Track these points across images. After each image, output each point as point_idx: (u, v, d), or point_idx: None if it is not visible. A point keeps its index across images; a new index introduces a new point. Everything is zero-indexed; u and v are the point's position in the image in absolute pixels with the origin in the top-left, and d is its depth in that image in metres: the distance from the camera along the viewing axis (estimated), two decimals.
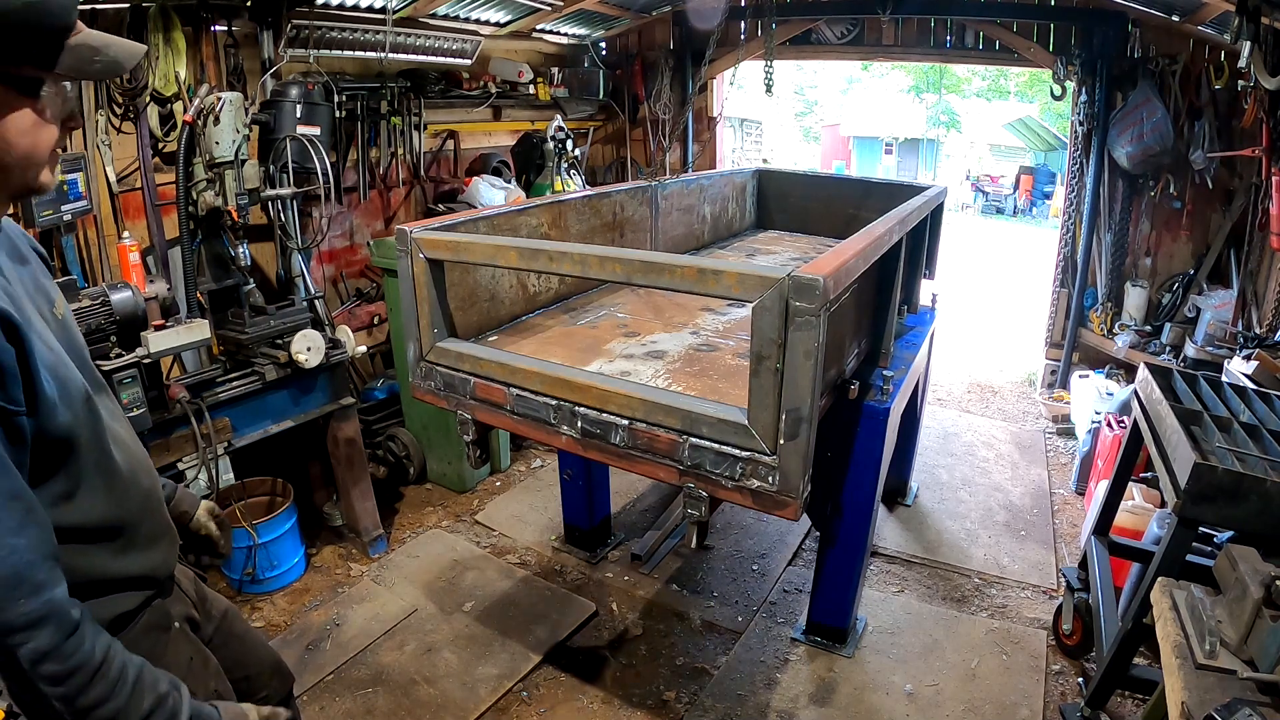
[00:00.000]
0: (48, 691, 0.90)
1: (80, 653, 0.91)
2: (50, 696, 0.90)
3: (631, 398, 1.79)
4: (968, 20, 4.94)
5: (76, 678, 0.91)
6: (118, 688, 0.95)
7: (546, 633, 2.85)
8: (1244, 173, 4.26)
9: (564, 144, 4.84)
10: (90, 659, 0.92)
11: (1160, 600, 1.70)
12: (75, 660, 0.91)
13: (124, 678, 0.96)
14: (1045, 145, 20.04)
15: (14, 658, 0.87)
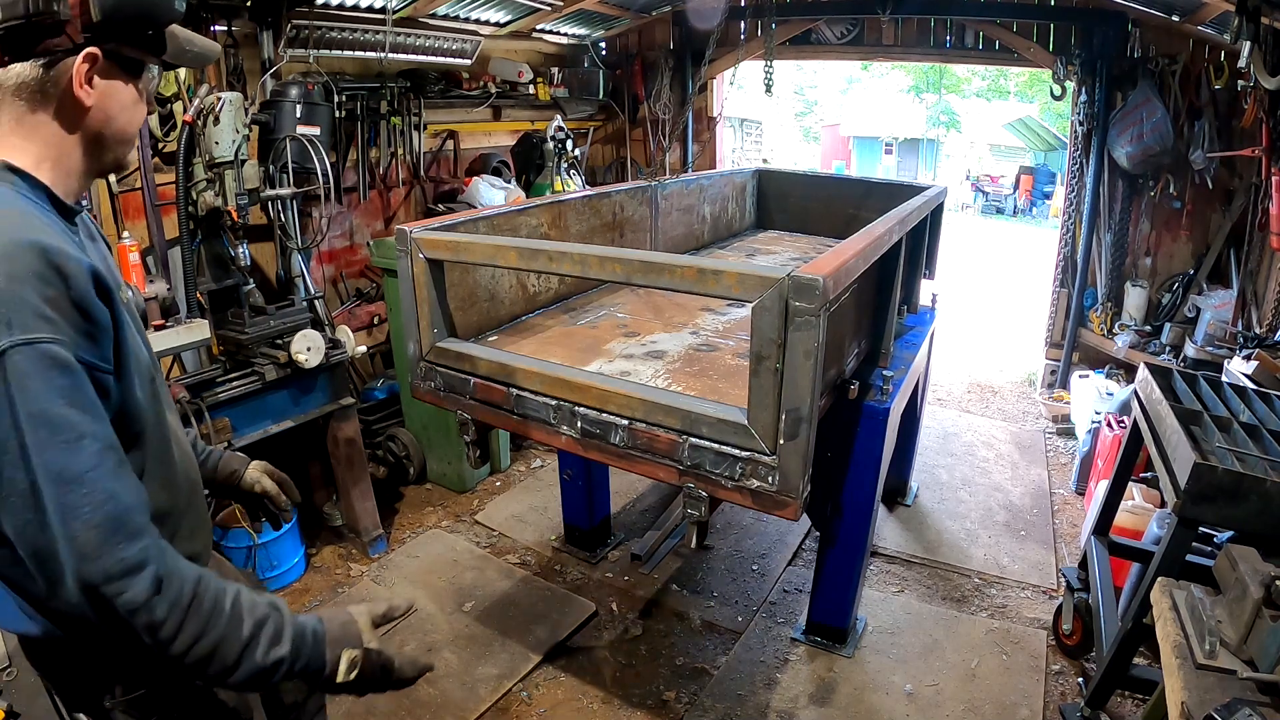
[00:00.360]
0: (145, 635, 0.91)
1: (173, 595, 0.93)
2: (147, 638, 0.92)
3: (631, 398, 1.79)
4: (968, 20, 4.94)
5: (171, 619, 0.92)
6: (213, 620, 0.96)
7: (546, 633, 2.85)
8: (1244, 173, 4.26)
9: (564, 144, 4.84)
10: (180, 599, 0.93)
11: (1160, 600, 1.70)
12: (169, 601, 0.92)
13: (218, 609, 0.97)
14: (1045, 145, 20.05)
15: (110, 605, 0.88)
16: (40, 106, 1.00)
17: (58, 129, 1.01)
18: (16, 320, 0.85)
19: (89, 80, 0.99)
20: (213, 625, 0.96)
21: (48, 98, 0.99)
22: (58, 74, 0.98)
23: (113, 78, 1.02)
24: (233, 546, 2.97)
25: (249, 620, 1.00)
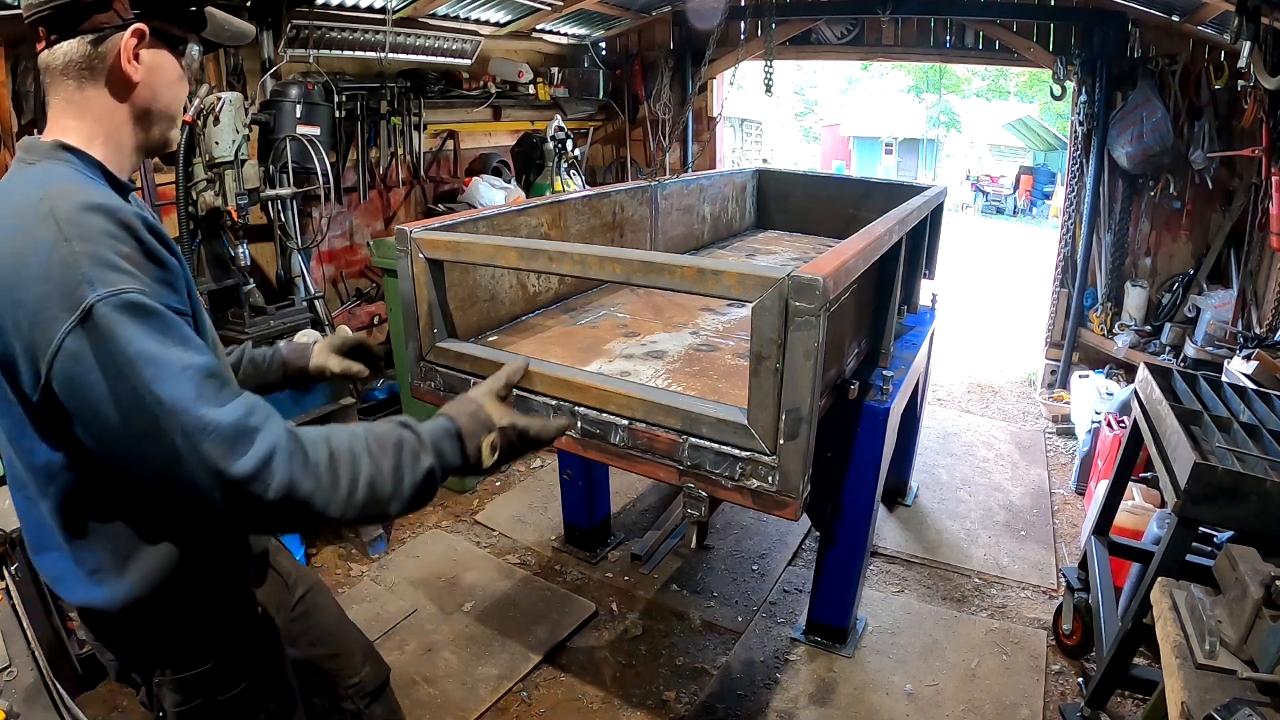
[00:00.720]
0: (303, 513, 0.95)
1: (312, 466, 0.95)
2: (306, 514, 0.95)
3: (631, 398, 1.79)
4: (968, 20, 4.94)
5: (319, 487, 0.95)
6: (356, 467, 0.99)
7: (546, 633, 2.85)
8: (1244, 173, 4.26)
9: (564, 144, 4.84)
10: (319, 466, 0.96)
11: (1160, 600, 1.70)
12: (311, 474, 0.94)
13: (355, 456, 0.99)
14: (1045, 145, 20.05)
15: (264, 502, 0.91)
16: (89, 84, 1.03)
17: (107, 105, 1.05)
18: (97, 276, 0.88)
19: (136, 56, 1.03)
20: (358, 472, 0.98)
21: (96, 74, 1.03)
22: (105, 50, 1.02)
23: (159, 52, 1.06)
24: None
25: (388, 449, 1.03)
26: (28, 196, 0.94)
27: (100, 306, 0.87)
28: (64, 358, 0.87)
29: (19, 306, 0.89)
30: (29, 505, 1.09)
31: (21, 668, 1.70)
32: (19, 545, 2.08)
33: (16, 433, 1.01)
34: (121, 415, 0.88)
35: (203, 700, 1.20)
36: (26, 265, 0.89)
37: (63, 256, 0.88)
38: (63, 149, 1.03)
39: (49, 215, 0.90)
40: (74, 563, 1.08)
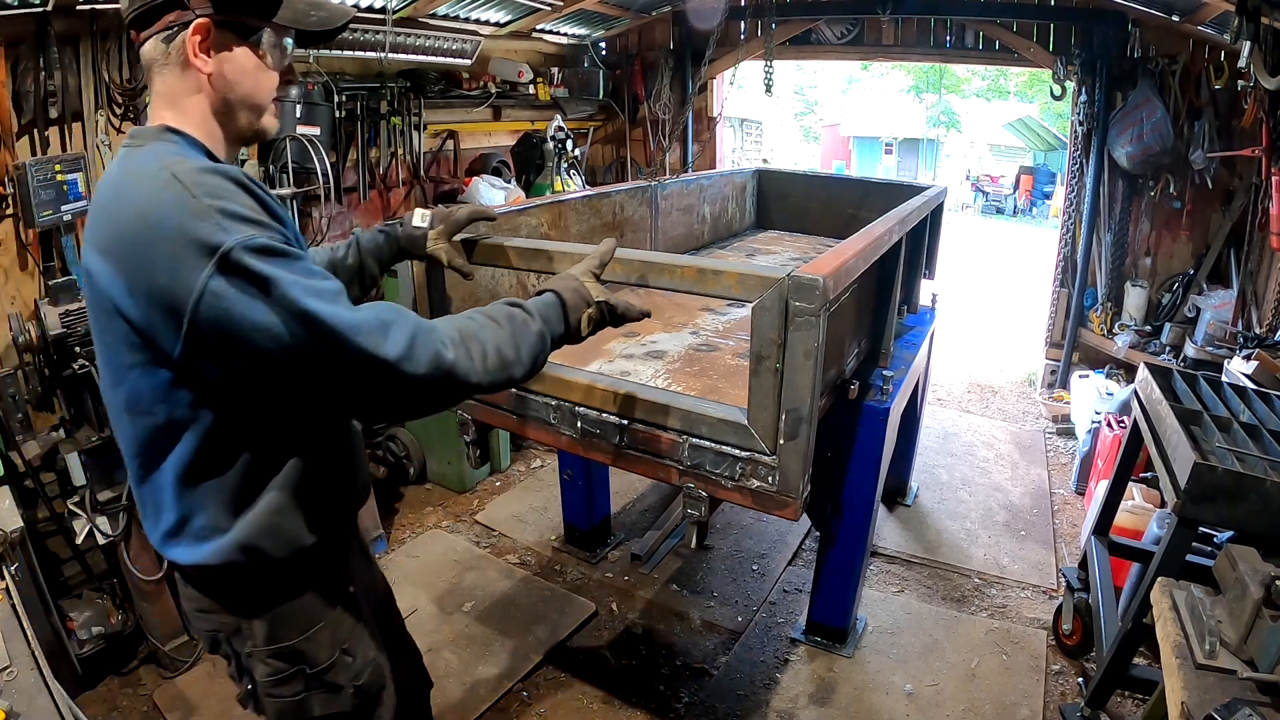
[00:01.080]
0: (458, 386, 1.06)
1: (449, 337, 1.06)
2: (459, 387, 1.06)
3: (631, 398, 1.79)
4: (968, 20, 4.94)
5: (460, 357, 1.06)
6: (483, 336, 1.10)
7: (546, 633, 2.85)
8: (1244, 173, 4.26)
9: (564, 144, 4.84)
10: (454, 337, 1.06)
11: (1160, 600, 1.70)
12: (451, 342, 1.05)
13: (478, 325, 1.12)
14: (1045, 145, 20.04)
15: (413, 378, 1.01)
16: (173, 77, 1.09)
17: (191, 98, 1.10)
18: (229, 225, 0.95)
19: (204, 50, 1.07)
20: (485, 341, 1.10)
21: (175, 69, 1.08)
22: (176, 47, 1.06)
23: (229, 45, 1.08)
24: None
25: (503, 321, 1.16)
26: (145, 169, 1.00)
27: (236, 250, 0.93)
28: (209, 300, 0.93)
29: (154, 264, 0.95)
30: (144, 472, 1.15)
31: (21, 668, 1.69)
32: (19, 545, 2.08)
33: (136, 398, 1.08)
34: (276, 338, 0.95)
35: (293, 671, 1.24)
36: (159, 223, 0.95)
37: (194, 210, 0.95)
38: (168, 131, 1.09)
39: (172, 179, 0.97)
40: (186, 522, 1.14)
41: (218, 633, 1.27)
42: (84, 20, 2.72)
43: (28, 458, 2.44)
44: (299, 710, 1.27)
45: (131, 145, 1.08)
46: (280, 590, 1.23)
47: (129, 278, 0.97)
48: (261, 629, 1.22)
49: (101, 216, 1.02)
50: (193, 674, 2.62)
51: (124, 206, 0.99)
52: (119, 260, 0.98)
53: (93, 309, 1.08)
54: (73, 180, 2.58)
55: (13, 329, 2.32)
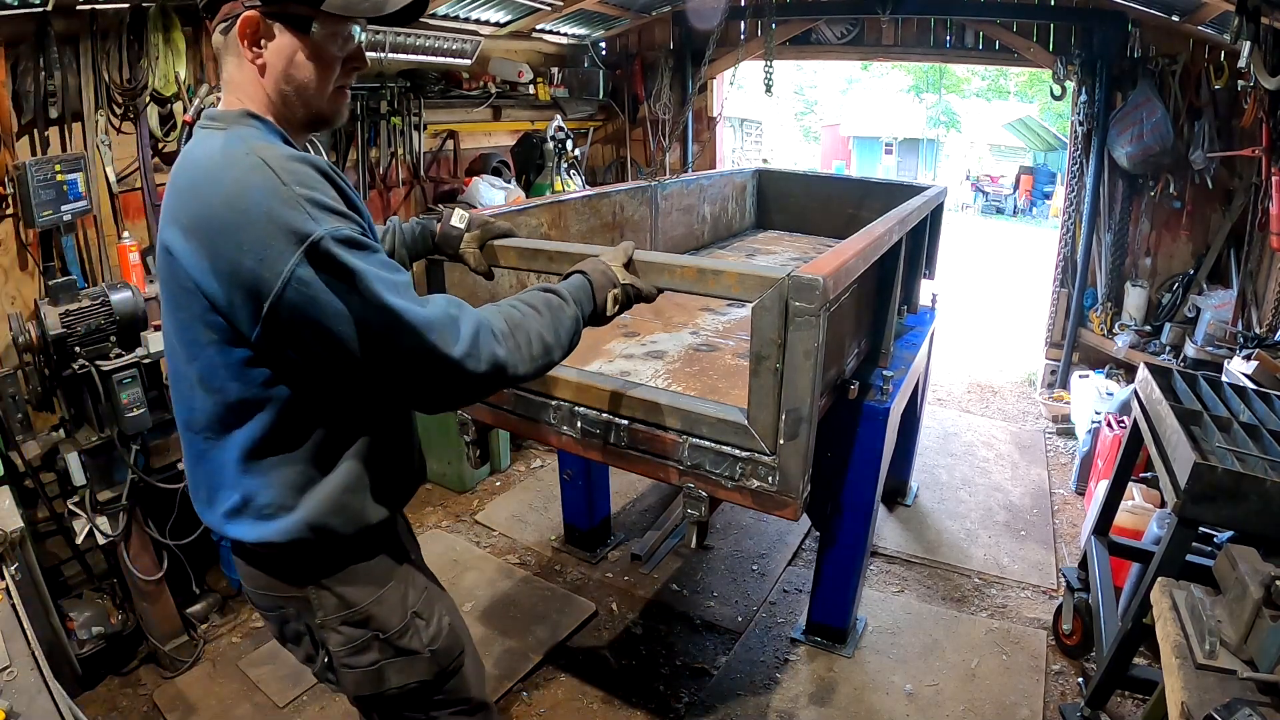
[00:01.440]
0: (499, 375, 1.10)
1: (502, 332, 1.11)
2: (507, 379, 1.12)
3: (631, 398, 1.79)
4: (968, 20, 4.94)
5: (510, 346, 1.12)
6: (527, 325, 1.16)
7: (546, 633, 2.85)
8: (1244, 173, 4.25)
9: (564, 144, 4.84)
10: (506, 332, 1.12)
11: (1160, 600, 1.70)
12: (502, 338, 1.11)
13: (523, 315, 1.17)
14: (1045, 145, 20.03)
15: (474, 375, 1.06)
16: (235, 67, 1.11)
17: (254, 86, 1.11)
18: (318, 215, 0.98)
19: (254, 41, 1.07)
20: (529, 331, 1.16)
21: (235, 58, 1.10)
22: (232, 38, 1.08)
23: (280, 35, 1.08)
24: None
25: (542, 308, 1.22)
26: (231, 152, 1.01)
27: (325, 240, 0.97)
28: (294, 286, 0.96)
29: (241, 246, 0.96)
30: (207, 449, 1.16)
31: (21, 668, 1.69)
32: (19, 545, 2.08)
33: (210, 374, 1.09)
34: (354, 328, 0.98)
35: (369, 636, 1.25)
36: (249, 207, 0.96)
37: (285, 198, 0.97)
38: (249, 116, 1.10)
39: (262, 164, 0.99)
40: (250, 500, 1.15)
41: (283, 608, 1.27)
42: (84, 20, 2.72)
43: (28, 458, 2.44)
44: (377, 680, 1.27)
45: (212, 127, 1.09)
46: (345, 559, 1.24)
47: (213, 258, 0.99)
48: (330, 596, 1.23)
49: (187, 196, 1.03)
50: (193, 674, 2.62)
51: (212, 188, 0.99)
52: (204, 240, 0.99)
53: (168, 285, 1.09)
54: (73, 180, 2.58)
55: (13, 329, 2.32)
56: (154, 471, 2.54)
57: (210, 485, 1.19)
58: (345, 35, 1.12)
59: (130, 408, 2.34)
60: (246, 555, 1.26)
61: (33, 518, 2.53)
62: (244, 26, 1.06)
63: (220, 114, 1.12)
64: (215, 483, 1.18)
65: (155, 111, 3.00)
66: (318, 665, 1.31)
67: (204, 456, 1.18)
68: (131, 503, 2.47)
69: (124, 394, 2.32)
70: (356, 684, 1.27)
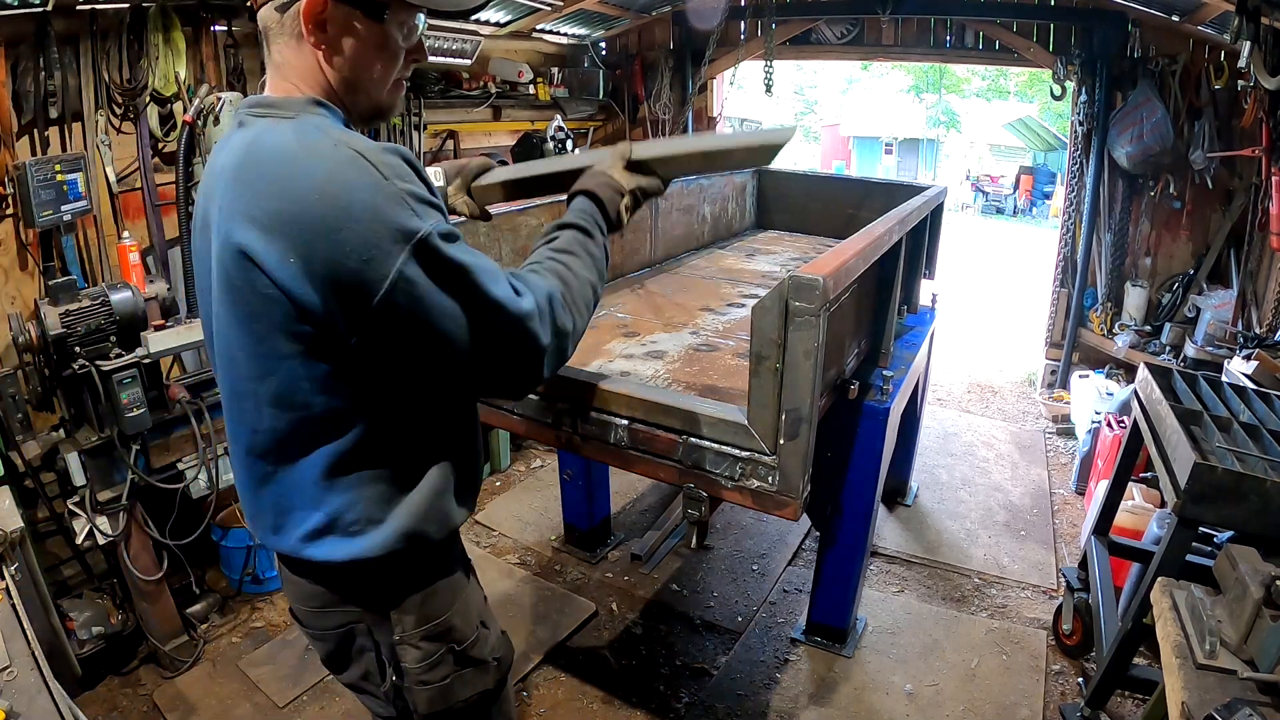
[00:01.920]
0: (572, 345, 1.13)
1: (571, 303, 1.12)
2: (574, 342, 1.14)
3: (631, 398, 1.78)
4: (968, 20, 4.94)
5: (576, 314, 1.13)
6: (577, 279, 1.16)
7: (546, 633, 2.85)
8: (1244, 173, 4.26)
9: (564, 144, 4.84)
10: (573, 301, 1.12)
11: (1160, 600, 1.70)
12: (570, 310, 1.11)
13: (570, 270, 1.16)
14: (1045, 145, 20.03)
15: (563, 355, 1.11)
16: (290, 50, 1.04)
17: (314, 72, 1.05)
18: (422, 211, 0.94)
19: (320, 25, 1.00)
20: (581, 284, 1.16)
21: (290, 39, 1.03)
22: (290, 17, 1.01)
23: (352, 21, 1.01)
24: (233, 546, 2.97)
25: (578, 250, 1.20)
26: (313, 142, 0.94)
27: (431, 237, 0.93)
28: (402, 285, 0.92)
29: (343, 247, 0.90)
30: (275, 471, 1.10)
31: (21, 668, 1.69)
32: (19, 545, 2.08)
33: (291, 389, 1.02)
34: (462, 323, 0.97)
35: (444, 650, 1.22)
36: (351, 205, 0.90)
37: (389, 194, 0.92)
38: (316, 103, 1.04)
39: (358, 157, 0.93)
40: (338, 518, 1.10)
41: (353, 625, 1.22)
42: (84, 20, 2.72)
43: (28, 458, 2.44)
44: (446, 695, 1.23)
45: (276, 114, 1.01)
46: (432, 566, 1.21)
47: (308, 260, 0.91)
48: (413, 611, 1.19)
49: (264, 190, 0.93)
50: (193, 674, 2.62)
51: (301, 182, 0.91)
52: (294, 240, 0.91)
53: (237, 292, 0.98)
54: (73, 180, 2.58)
55: (13, 329, 2.32)
56: (154, 471, 2.54)
57: (280, 509, 1.12)
58: (411, 25, 1.07)
59: (130, 408, 2.34)
60: (320, 575, 1.19)
61: (33, 518, 2.53)
62: (311, 7, 0.98)
63: (281, 100, 1.04)
64: (287, 505, 1.11)
65: (155, 111, 3.00)
66: (385, 685, 1.24)
67: (271, 479, 1.11)
68: (131, 503, 2.47)
69: (124, 394, 2.32)
70: (430, 701, 1.22)
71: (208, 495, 2.64)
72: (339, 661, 1.29)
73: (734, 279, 3.20)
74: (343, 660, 1.28)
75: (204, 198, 1.06)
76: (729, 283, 3.14)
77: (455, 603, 1.24)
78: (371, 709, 1.37)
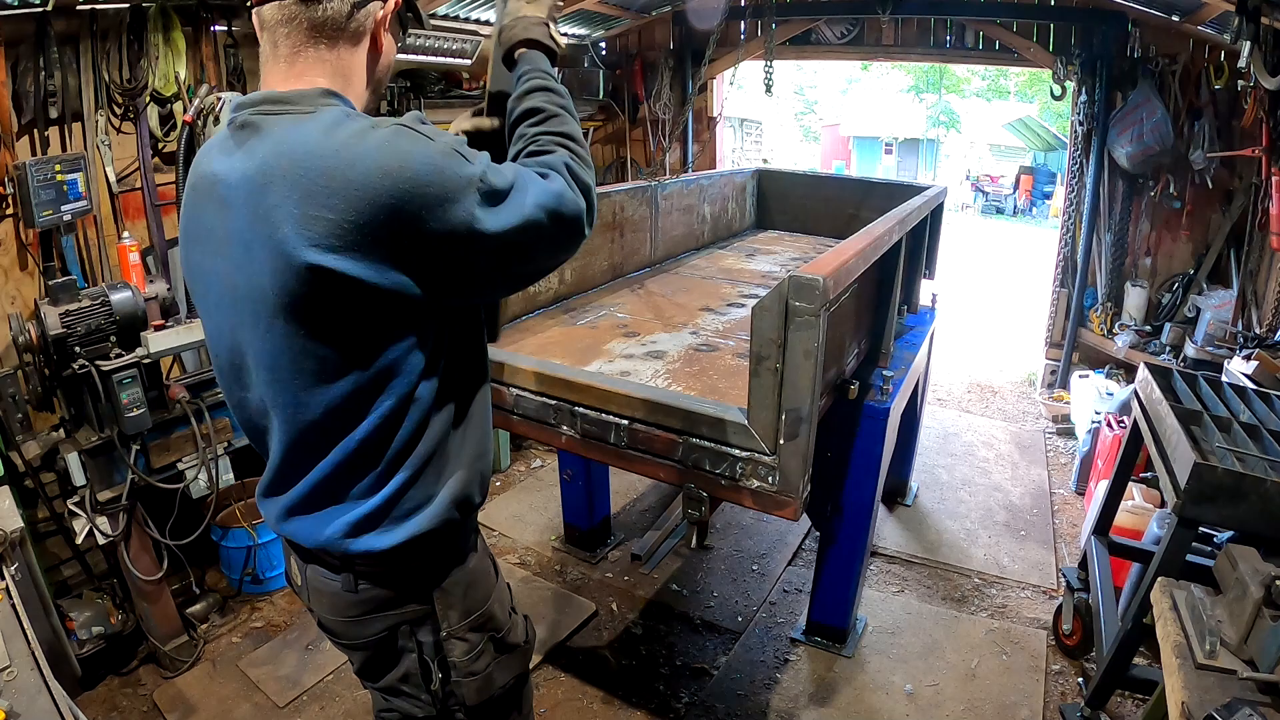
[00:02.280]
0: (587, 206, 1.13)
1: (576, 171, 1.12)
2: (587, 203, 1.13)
3: (631, 398, 1.79)
4: (968, 20, 4.94)
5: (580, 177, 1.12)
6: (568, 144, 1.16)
7: (546, 633, 2.85)
8: (1244, 173, 4.25)
9: None
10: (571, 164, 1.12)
11: (1160, 600, 1.70)
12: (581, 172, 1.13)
13: (573, 130, 1.19)
14: (1045, 145, 20.03)
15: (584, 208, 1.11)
16: (343, 44, 1.07)
17: (355, 65, 1.10)
18: (470, 154, 1.01)
19: (387, 28, 1.11)
20: (573, 140, 1.17)
21: (348, 35, 1.07)
22: (363, 15, 1.06)
23: (395, 28, 1.14)
24: (233, 546, 2.97)
25: (554, 108, 1.20)
26: (354, 131, 0.96)
27: (486, 175, 0.99)
28: (478, 227, 0.98)
29: (420, 212, 0.94)
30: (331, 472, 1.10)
31: (21, 668, 1.69)
32: (19, 545, 2.08)
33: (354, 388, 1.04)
34: (530, 230, 1.02)
35: (486, 639, 1.25)
36: (416, 173, 0.94)
37: (441, 149, 0.98)
38: (327, 94, 1.04)
39: (400, 129, 0.98)
40: (392, 504, 1.11)
41: (398, 626, 1.21)
42: (84, 20, 2.72)
43: (28, 458, 2.44)
44: (489, 683, 1.27)
45: (297, 111, 0.99)
46: (462, 550, 1.24)
47: (396, 245, 0.94)
48: (458, 602, 1.21)
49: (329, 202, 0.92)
50: (193, 674, 2.62)
51: (359, 172, 0.92)
52: (375, 238, 0.93)
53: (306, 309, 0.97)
54: (73, 180, 2.58)
55: (13, 329, 2.32)
56: (154, 471, 2.54)
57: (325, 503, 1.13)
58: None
59: (130, 408, 2.33)
60: (365, 571, 1.18)
61: (33, 518, 2.53)
62: (388, 13, 1.10)
63: (295, 95, 1.01)
64: (335, 498, 1.12)
65: (155, 111, 3.00)
66: (433, 683, 1.23)
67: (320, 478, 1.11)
68: (131, 503, 2.47)
69: (124, 394, 2.32)
70: (479, 691, 1.25)
71: (208, 495, 2.63)
72: (377, 668, 1.28)
73: (734, 279, 3.21)
74: (382, 666, 1.27)
75: (214, 209, 1.02)
76: (729, 283, 3.14)
77: (493, 592, 1.28)
78: (406, 712, 1.33)
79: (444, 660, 1.23)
